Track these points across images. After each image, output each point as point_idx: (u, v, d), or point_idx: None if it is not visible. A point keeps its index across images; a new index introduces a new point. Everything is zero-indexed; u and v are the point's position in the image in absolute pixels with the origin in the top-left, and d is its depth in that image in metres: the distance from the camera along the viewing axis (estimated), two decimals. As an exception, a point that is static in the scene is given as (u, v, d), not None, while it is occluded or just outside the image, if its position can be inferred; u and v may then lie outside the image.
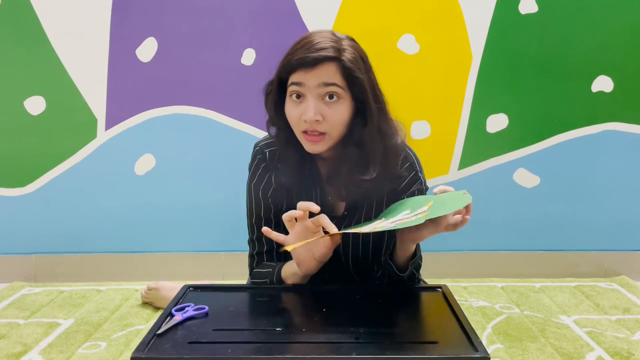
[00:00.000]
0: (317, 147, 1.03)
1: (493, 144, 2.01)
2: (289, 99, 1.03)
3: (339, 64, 0.99)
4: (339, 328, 0.86)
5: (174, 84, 1.98)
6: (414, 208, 0.95)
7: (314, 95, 1.00)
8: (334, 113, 1.01)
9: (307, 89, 1.00)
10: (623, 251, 2.06)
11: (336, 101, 1.00)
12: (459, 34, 1.95)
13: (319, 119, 0.99)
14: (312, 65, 0.98)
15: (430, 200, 0.95)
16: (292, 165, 1.11)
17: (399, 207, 1.01)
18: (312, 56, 0.98)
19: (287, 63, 1.01)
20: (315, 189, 1.14)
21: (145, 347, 0.80)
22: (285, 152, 1.11)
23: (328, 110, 1.00)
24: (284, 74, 1.03)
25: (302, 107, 1.01)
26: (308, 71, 0.99)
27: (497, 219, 2.04)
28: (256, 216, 1.18)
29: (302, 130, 1.02)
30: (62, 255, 2.07)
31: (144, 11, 1.94)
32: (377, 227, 0.90)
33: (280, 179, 1.13)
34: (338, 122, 1.02)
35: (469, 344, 0.80)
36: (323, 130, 1.01)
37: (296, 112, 1.02)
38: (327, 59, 0.98)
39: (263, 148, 1.17)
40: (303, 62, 0.98)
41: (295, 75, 1.00)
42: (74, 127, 2.01)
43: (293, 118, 1.03)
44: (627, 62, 1.95)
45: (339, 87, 1.00)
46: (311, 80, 0.99)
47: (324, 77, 0.99)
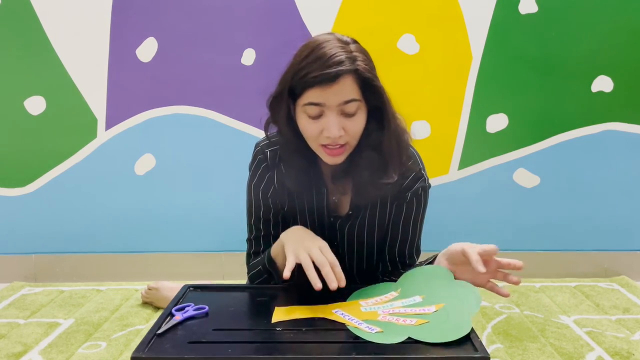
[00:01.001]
0: (339, 159, 1.04)
1: (493, 144, 2.01)
2: (305, 118, 1.01)
3: (355, 76, 0.98)
4: (339, 328, 0.86)
5: (174, 84, 1.98)
6: (427, 300, 0.94)
7: (335, 113, 0.98)
8: (354, 125, 1.01)
9: (327, 108, 0.98)
10: (623, 251, 2.06)
11: (355, 114, 1.00)
12: (459, 34, 1.95)
13: (342, 134, 1.00)
14: (331, 81, 0.96)
15: (443, 301, 0.93)
16: (297, 170, 1.10)
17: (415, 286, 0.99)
18: (331, 72, 0.95)
19: (303, 80, 0.97)
20: (319, 189, 1.14)
21: (145, 347, 0.80)
22: (290, 159, 1.10)
23: (348, 123, 1.00)
24: (298, 90, 0.99)
25: (321, 124, 0.99)
26: (326, 89, 0.96)
27: (497, 219, 2.04)
28: (255, 216, 1.18)
29: (321, 144, 1.02)
30: (62, 255, 2.07)
31: (144, 11, 1.94)
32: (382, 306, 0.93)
33: (285, 182, 1.13)
34: (358, 132, 1.02)
35: (469, 344, 0.80)
36: (344, 142, 1.01)
37: (315, 128, 1.00)
38: (344, 73, 0.96)
39: (264, 148, 1.16)
40: (322, 79, 0.95)
41: (311, 94, 0.97)
42: (74, 127, 2.01)
43: (311, 134, 1.01)
44: (627, 62, 1.95)
45: (357, 101, 0.99)
46: (331, 98, 0.97)
47: (343, 94, 0.97)
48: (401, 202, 1.14)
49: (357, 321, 0.87)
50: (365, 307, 0.93)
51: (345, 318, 0.89)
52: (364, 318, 0.88)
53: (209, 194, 2.04)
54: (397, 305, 0.93)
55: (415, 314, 0.89)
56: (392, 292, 0.98)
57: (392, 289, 1.00)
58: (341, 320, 0.88)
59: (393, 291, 0.98)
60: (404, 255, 1.18)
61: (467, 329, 0.83)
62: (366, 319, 0.88)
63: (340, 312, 0.91)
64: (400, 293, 0.97)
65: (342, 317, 0.89)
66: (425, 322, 0.86)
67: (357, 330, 0.84)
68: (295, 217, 1.17)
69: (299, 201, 1.15)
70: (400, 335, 0.82)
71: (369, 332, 0.83)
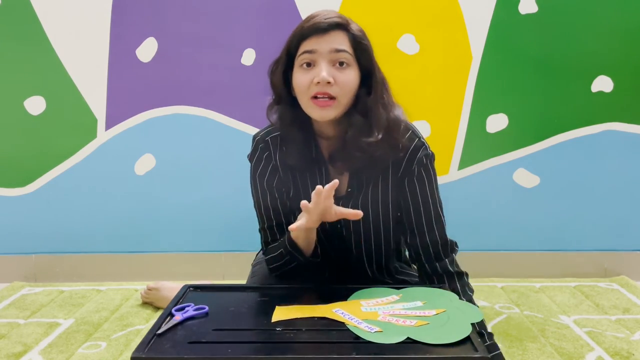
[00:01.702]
0: (327, 113, 1.05)
1: (493, 144, 2.01)
2: (298, 69, 1.07)
3: (347, 33, 1.06)
4: (339, 328, 0.86)
5: (174, 84, 1.98)
6: (428, 305, 0.94)
7: (326, 60, 1.04)
8: (345, 78, 1.05)
9: (319, 55, 1.04)
10: (623, 251, 2.06)
11: (346, 67, 1.05)
12: (459, 34, 1.95)
13: (331, 80, 1.03)
14: (324, 31, 1.04)
15: (444, 307, 0.93)
16: (296, 145, 1.12)
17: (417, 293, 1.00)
18: (324, 22, 1.04)
19: (299, 31, 1.06)
20: (320, 169, 1.15)
21: (145, 347, 0.80)
22: (289, 132, 1.12)
23: (339, 74, 1.05)
24: (294, 44, 1.07)
25: (313, 72, 1.04)
26: (320, 37, 1.04)
27: (497, 219, 2.04)
28: (264, 206, 1.18)
29: (311, 96, 1.05)
30: (62, 255, 2.06)
31: (144, 11, 1.94)
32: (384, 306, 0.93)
33: (285, 160, 1.14)
34: (348, 87, 1.06)
35: (469, 344, 0.80)
36: (334, 93, 1.04)
37: (307, 78, 1.05)
38: (337, 26, 1.05)
39: (264, 137, 1.18)
40: (315, 28, 1.04)
41: (306, 43, 1.05)
42: (74, 127, 2.01)
43: (303, 84, 1.05)
44: (627, 62, 1.95)
45: (348, 54, 1.05)
46: (323, 45, 1.04)
47: (335, 43, 1.04)
48: (411, 177, 1.14)
49: (357, 320, 0.87)
50: (365, 307, 0.93)
51: (345, 317, 0.89)
52: (364, 318, 0.89)
53: (208, 194, 2.04)
54: (397, 307, 0.93)
55: (415, 316, 0.89)
56: (393, 296, 0.98)
57: (394, 293, 1.00)
58: (341, 319, 0.88)
59: (394, 295, 0.99)
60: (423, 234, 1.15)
61: (467, 332, 0.83)
62: (366, 319, 0.88)
63: (341, 312, 0.91)
64: (402, 297, 0.98)
65: (342, 316, 0.89)
66: (425, 323, 0.86)
67: (356, 329, 0.84)
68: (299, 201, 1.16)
69: (303, 184, 1.15)
70: (399, 335, 0.82)
71: (368, 332, 0.83)
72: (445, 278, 1.14)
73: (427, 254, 1.16)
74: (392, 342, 0.80)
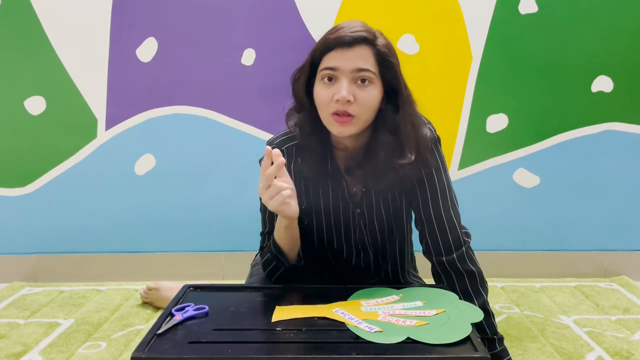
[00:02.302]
0: (346, 130, 1.04)
1: (493, 144, 2.01)
2: (319, 82, 1.05)
3: (373, 48, 1.03)
4: (339, 328, 0.86)
5: (174, 84, 1.98)
6: (428, 305, 0.94)
7: (348, 78, 1.02)
8: (365, 96, 1.03)
9: (341, 72, 1.02)
10: (623, 251, 2.06)
11: (368, 85, 1.03)
12: (459, 34, 1.95)
13: (351, 99, 1.01)
14: (348, 45, 1.01)
15: (444, 307, 0.93)
16: (312, 156, 1.11)
17: (417, 293, 1.00)
18: (349, 36, 1.01)
19: (322, 44, 1.04)
20: (337, 181, 1.14)
21: (145, 347, 0.80)
22: (307, 143, 1.11)
23: (360, 92, 1.02)
24: (317, 55, 1.05)
25: (334, 88, 1.02)
26: (344, 52, 1.01)
27: (497, 219, 2.04)
28: (269, 212, 1.17)
29: (331, 112, 1.03)
30: (62, 255, 2.06)
31: (144, 11, 1.94)
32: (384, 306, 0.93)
33: (300, 172, 1.13)
34: (368, 105, 1.03)
35: (469, 344, 0.80)
36: (353, 112, 1.02)
37: (328, 93, 1.03)
38: (362, 41, 1.02)
39: (279, 145, 1.15)
40: (340, 41, 1.01)
41: (329, 58, 1.03)
42: (74, 127, 2.01)
43: (324, 99, 1.04)
44: (627, 62, 1.95)
45: (371, 73, 1.02)
46: (346, 63, 1.01)
47: (358, 61, 1.01)
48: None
49: (357, 320, 0.87)
50: (365, 307, 0.93)
51: (345, 317, 0.89)
52: (364, 317, 0.89)
53: (209, 194, 2.04)
54: (397, 307, 0.93)
55: (415, 316, 0.89)
56: (393, 296, 0.98)
57: (394, 293, 1.00)
58: (341, 319, 0.88)
59: (394, 295, 0.99)
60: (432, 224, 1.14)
61: (467, 332, 0.83)
62: (366, 319, 0.88)
63: (341, 312, 0.91)
64: (402, 297, 0.98)
65: (342, 316, 0.89)
66: (425, 323, 0.86)
67: (356, 329, 0.84)
68: (313, 212, 1.16)
69: (315, 195, 1.15)
70: (399, 335, 0.82)
71: (368, 332, 0.83)
72: (453, 277, 1.12)
73: (436, 246, 1.14)
74: (392, 342, 0.80)
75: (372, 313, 0.91)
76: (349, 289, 1.02)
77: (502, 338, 1.14)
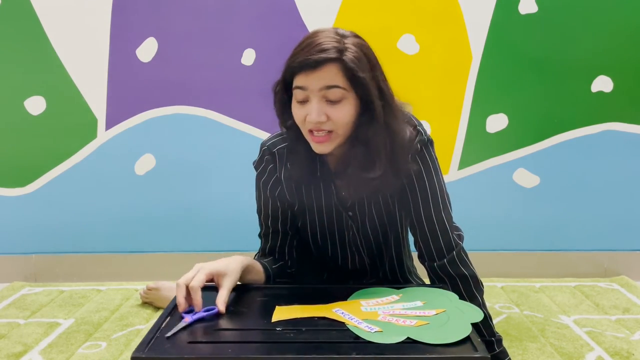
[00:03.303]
0: (324, 148, 1.03)
1: (493, 144, 2.01)
2: (294, 101, 1.03)
3: (340, 65, 0.98)
4: (339, 328, 0.86)
5: (174, 84, 1.98)
6: (428, 305, 0.94)
7: (317, 98, 0.99)
8: (338, 113, 1.00)
9: (311, 92, 0.99)
10: (623, 251, 2.06)
11: (340, 102, 1.00)
12: (459, 34, 1.95)
13: (323, 120, 0.99)
14: (313, 67, 0.97)
15: (444, 307, 0.93)
16: (302, 159, 1.10)
17: (417, 293, 1.00)
18: (313, 59, 0.97)
19: (290, 66, 1.01)
20: (329, 185, 1.14)
21: (145, 347, 0.80)
22: (295, 147, 1.11)
23: (332, 110, 1.00)
24: (288, 76, 1.02)
25: (306, 109, 1.00)
26: (309, 74, 0.98)
27: (497, 219, 2.04)
28: (264, 214, 1.18)
29: (308, 130, 1.02)
30: (62, 255, 2.06)
31: (144, 11, 1.94)
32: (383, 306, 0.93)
33: (292, 175, 1.13)
34: (343, 121, 1.01)
35: (469, 344, 0.80)
36: (329, 128, 1.01)
37: (301, 113, 1.02)
38: (328, 61, 0.97)
39: (271, 148, 1.16)
40: (304, 64, 0.98)
41: (298, 78, 1.00)
42: (74, 127, 2.01)
43: (298, 119, 1.03)
44: (627, 62, 1.95)
45: (341, 89, 0.99)
46: (313, 83, 0.98)
47: (326, 79, 0.98)
48: None
49: (357, 320, 0.87)
50: (365, 307, 0.93)
51: (345, 317, 0.89)
52: (363, 317, 0.89)
53: (209, 194, 2.04)
54: (397, 307, 0.93)
55: (415, 316, 0.89)
56: (393, 296, 0.98)
57: (394, 293, 1.00)
58: (341, 319, 0.88)
59: (394, 295, 0.99)
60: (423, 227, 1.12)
61: (467, 332, 0.83)
62: (366, 319, 0.88)
63: (341, 312, 0.91)
64: (402, 297, 0.98)
65: (342, 316, 0.89)
66: (425, 323, 0.86)
67: (356, 329, 0.84)
68: (306, 215, 1.17)
69: (308, 198, 1.15)
70: (399, 335, 0.82)
71: (368, 332, 0.83)
72: (447, 282, 1.11)
73: (428, 251, 1.13)
74: (392, 342, 0.80)
75: (372, 313, 0.91)
76: (349, 289, 1.01)
77: (500, 340, 1.13)
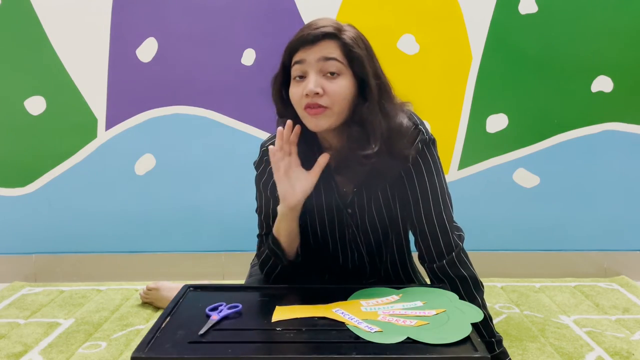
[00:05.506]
0: (320, 122, 1.03)
1: (493, 144, 2.01)
2: (293, 82, 1.05)
3: (338, 41, 1.02)
4: (339, 328, 0.86)
5: (174, 84, 1.98)
6: (428, 305, 0.94)
7: (315, 70, 1.02)
8: (335, 87, 1.02)
9: (308, 65, 1.02)
10: (623, 251, 2.06)
11: (337, 77, 1.02)
12: (459, 34, 1.95)
13: (319, 91, 1.01)
14: (312, 42, 1.02)
15: (444, 307, 0.93)
16: (302, 157, 1.10)
17: (417, 293, 1.00)
18: (312, 33, 1.02)
19: (289, 46, 1.05)
20: (329, 181, 1.14)
21: (145, 347, 0.80)
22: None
23: (329, 84, 1.02)
24: (287, 57, 1.05)
25: (304, 84, 1.02)
26: (309, 48, 1.02)
27: (497, 219, 2.04)
28: (265, 214, 1.18)
29: (304, 107, 1.03)
30: (62, 255, 2.07)
31: (144, 11, 1.94)
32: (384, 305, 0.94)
33: None
34: (339, 96, 1.02)
35: (469, 344, 0.80)
36: (324, 103, 1.02)
37: (299, 90, 1.03)
38: (326, 36, 1.02)
39: None
40: (303, 40, 1.02)
41: (297, 55, 1.03)
42: (74, 127, 2.01)
43: (296, 96, 1.04)
44: (627, 62, 1.95)
45: (339, 62, 1.02)
46: (311, 55, 1.02)
47: (323, 52, 1.02)
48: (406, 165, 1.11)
49: (357, 320, 0.87)
50: (365, 307, 0.93)
51: (345, 317, 0.89)
52: (363, 317, 0.89)
53: (209, 194, 2.04)
54: (397, 307, 0.93)
55: (415, 316, 0.89)
56: (393, 296, 0.98)
57: (394, 293, 1.00)
58: (341, 319, 0.88)
59: (394, 295, 0.99)
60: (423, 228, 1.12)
61: (467, 332, 0.83)
62: (366, 319, 0.88)
63: (341, 311, 0.91)
64: (402, 297, 0.98)
65: (342, 316, 0.89)
66: (425, 323, 0.86)
67: (356, 329, 0.85)
68: (306, 212, 1.16)
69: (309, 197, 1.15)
70: (399, 335, 0.82)
71: (368, 332, 0.83)
72: (446, 283, 1.10)
73: (428, 252, 1.13)
74: (392, 342, 0.80)
75: (372, 313, 0.91)
76: (349, 289, 1.01)
77: (500, 340, 1.13)
